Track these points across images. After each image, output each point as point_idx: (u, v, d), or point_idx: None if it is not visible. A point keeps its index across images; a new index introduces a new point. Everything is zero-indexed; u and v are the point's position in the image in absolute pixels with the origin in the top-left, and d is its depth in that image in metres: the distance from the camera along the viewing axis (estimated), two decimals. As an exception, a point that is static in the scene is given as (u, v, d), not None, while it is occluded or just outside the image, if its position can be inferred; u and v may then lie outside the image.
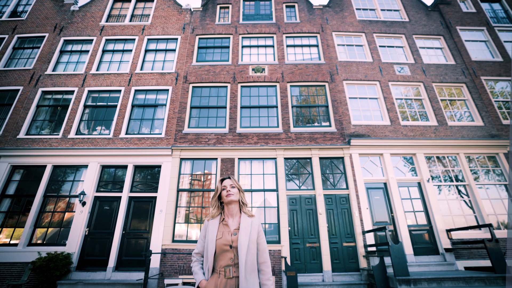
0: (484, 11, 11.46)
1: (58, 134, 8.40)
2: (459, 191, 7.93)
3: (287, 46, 10.19)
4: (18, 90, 9.13)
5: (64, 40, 10.16)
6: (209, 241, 1.80)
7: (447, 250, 6.92)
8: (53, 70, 9.56)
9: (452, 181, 8.02)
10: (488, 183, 8.01)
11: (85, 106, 8.96)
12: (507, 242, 7.03)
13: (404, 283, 5.24)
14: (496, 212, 7.68)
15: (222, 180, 1.99)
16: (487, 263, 6.70)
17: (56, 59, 9.78)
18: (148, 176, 8.09)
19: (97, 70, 9.63)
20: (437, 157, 8.29)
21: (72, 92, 9.14)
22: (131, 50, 10.12)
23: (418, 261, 6.75)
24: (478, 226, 6.79)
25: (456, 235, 7.14)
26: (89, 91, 9.19)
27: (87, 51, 9.98)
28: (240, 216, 1.91)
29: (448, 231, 7.14)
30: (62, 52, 9.99)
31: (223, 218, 1.91)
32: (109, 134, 8.48)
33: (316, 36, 10.37)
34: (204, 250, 1.84)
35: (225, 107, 8.79)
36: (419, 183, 7.89)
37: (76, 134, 8.49)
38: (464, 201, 7.81)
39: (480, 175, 8.14)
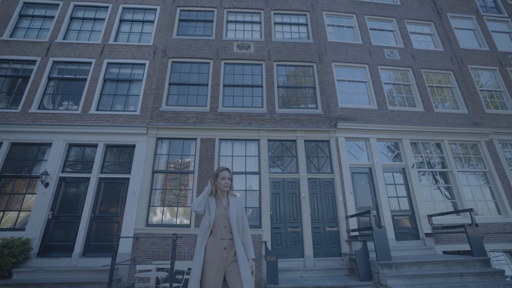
0: (474, -1, 11.35)
1: (17, 108, 7.49)
2: (442, 178, 7.94)
3: (275, 23, 9.60)
4: (-32, 57, 8.03)
5: (24, 2, 8.98)
6: (210, 211, 2.38)
7: (427, 235, 6.92)
8: (11, 36, 8.44)
9: (435, 167, 8.00)
10: (469, 170, 8.07)
11: (50, 79, 8.04)
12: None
13: (386, 267, 5.11)
14: (475, 199, 7.77)
15: (221, 170, 2.51)
16: (463, 247, 6.77)
17: (14, 24, 8.64)
18: (121, 156, 7.46)
19: (64, 39, 8.63)
20: (422, 144, 8.22)
21: (34, 62, 8.14)
22: (103, 19, 9.14)
23: (399, 246, 6.70)
24: (459, 211, 6.81)
25: (436, 220, 7.15)
26: (55, 62, 8.24)
27: (52, 17, 8.89)
28: (228, 196, 2.53)
29: (429, 216, 7.13)
30: (21, 16, 8.83)
31: (218, 197, 2.50)
32: (77, 110, 7.69)
33: (305, 15, 9.84)
34: (205, 216, 2.39)
35: (207, 85, 8.19)
36: (403, 169, 7.80)
37: (38, 108, 7.62)
38: (446, 187, 7.83)
39: (462, 162, 8.17)
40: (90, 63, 8.33)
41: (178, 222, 6.75)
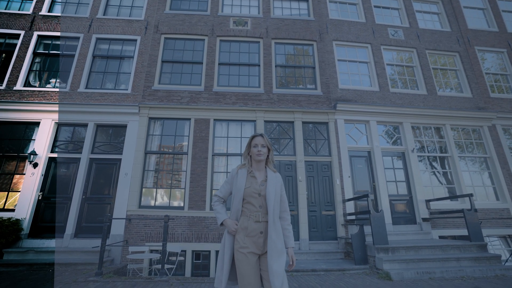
0: (485, -25, 10.70)
1: (1, 85, 7.13)
2: (441, 163, 7.77)
3: (274, -2, 9.05)
4: None
5: (5, -30, 8.38)
6: (238, 188, 1.98)
7: (424, 219, 6.84)
8: (-9, 7, 7.95)
9: (435, 152, 7.81)
10: (469, 156, 7.89)
11: (35, 54, 7.62)
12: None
13: (382, 251, 5.02)
14: (474, 184, 7.64)
15: (253, 137, 2.08)
16: (460, 232, 6.72)
17: (-5, -6, 8.11)
18: (113, 136, 7.20)
19: (48, 11, 8.11)
20: (423, 128, 7.98)
21: (17, 36, 7.68)
22: (91, -9, 8.56)
23: (396, 230, 6.62)
24: (458, 196, 6.70)
25: (434, 205, 7.05)
26: (40, 36, 7.78)
27: (36, -13, 8.32)
28: (266, 170, 2.09)
29: (427, 201, 7.03)
30: (2, -15, 8.28)
31: (251, 170, 2.06)
32: (65, 88, 7.33)
33: (306, -11, 9.26)
34: (233, 196, 2.03)
35: (201, 63, 7.79)
36: (403, 153, 7.60)
37: (24, 86, 7.27)
38: (445, 172, 7.67)
39: (463, 147, 7.98)
40: (78, 38, 7.88)
41: (171, 204, 6.61)
